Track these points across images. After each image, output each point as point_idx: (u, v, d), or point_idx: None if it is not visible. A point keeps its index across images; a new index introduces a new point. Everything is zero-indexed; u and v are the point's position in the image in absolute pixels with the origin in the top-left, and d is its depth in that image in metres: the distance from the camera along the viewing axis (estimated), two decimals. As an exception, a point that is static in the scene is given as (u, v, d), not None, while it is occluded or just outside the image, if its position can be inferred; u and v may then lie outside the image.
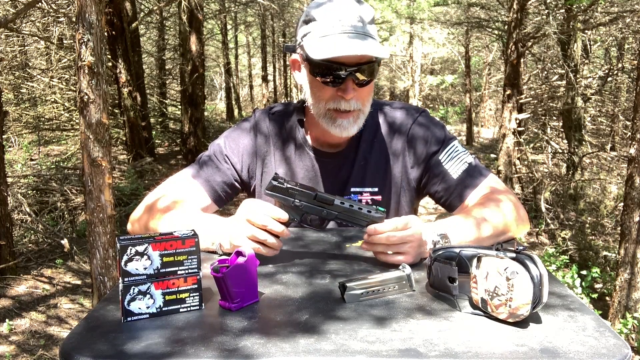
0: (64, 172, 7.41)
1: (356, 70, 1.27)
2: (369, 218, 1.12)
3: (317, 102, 1.34)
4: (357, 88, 1.30)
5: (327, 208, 1.15)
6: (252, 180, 1.49)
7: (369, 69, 1.29)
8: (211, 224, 1.22)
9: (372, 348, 0.78)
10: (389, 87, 23.54)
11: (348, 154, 1.45)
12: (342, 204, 1.14)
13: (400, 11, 12.76)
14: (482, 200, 1.33)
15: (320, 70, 1.29)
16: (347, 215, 1.14)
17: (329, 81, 1.29)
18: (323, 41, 1.26)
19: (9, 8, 7.38)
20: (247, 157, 1.47)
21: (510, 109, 7.81)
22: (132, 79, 8.42)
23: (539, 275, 0.84)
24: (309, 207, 1.15)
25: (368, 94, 1.34)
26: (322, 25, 1.28)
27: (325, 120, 1.35)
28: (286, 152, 1.47)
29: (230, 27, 18.00)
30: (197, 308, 0.93)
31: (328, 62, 1.26)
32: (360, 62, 1.27)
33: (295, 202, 1.14)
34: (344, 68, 1.26)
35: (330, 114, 1.33)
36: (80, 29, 2.77)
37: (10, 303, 4.55)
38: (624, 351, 0.78)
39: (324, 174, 1.45)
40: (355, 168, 1.44)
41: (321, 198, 1.14)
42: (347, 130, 1.34)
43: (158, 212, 1.31)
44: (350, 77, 1.27)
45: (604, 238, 7.23)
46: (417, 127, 1.44)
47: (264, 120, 1.49)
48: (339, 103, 1.31)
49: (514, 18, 7.41)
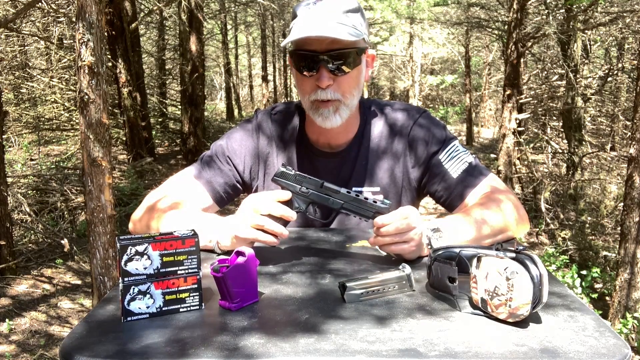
0: (64, 172, 7.41)
1: (328, 57, 1.28)
2: (375, 208, 1.13)
3: (302, 96, 1.37)
4: (335, 77, 1.31)
5: (333, 197, 1.15)
6: (254, 182, 1.49)
7: (343, 57, 1.29)
8: (210, 222, 1.23)
9: (372, 348, 0.78)
10: (389, 87, 23.55)
11: (349, 154, 1.46)
12: (348, 193, 1.14)
13: (400, 11, 12.76)
14: (482, 199, 1.34)
15: (297, 61, 1.33)
16: (353, 205, 1.14)
17: (305, 71, 1.32)
18: (292, 30, 1.30)
19: (9, 8, 7.37)
20: (249, 158, 1.47)
21: (510, 109, 7.81)
22: (132, 79, 8.42)
23: (539, 275, 0.84)
24: (316, 195, 1.16)
25: (348, 85, 1.34)
26: (298, 18, 1.32)
27: (312, 113, 1.37)
28: (288, 152, 1.48)
29: (230, 27, 18.00)
30: (197, 308, 0.93)
31: (300, 50, 1.30)
32: (332, 49, 1.28)
33: (302, 188, 1.15)
34: (314, 55, 1.29)
35: (314, 105, 1.35)
36: (80, 29, 2.77)
37: (10, 303, 4.55)
38: (624, 351, 0.78)
39: (326, 173, 1.45)
40: (357, 168, 1.45)
41: (327, 187, 1.15)
42: (329, 120, 1.34)
43: (159, 212, 1.32)
44: (322, 64, 1.29)
45: (604, 238, 7.23)
46: (418, 128, 1.45)
47: (266, 121, 1.50)
48: (317, 93, 1.32)
49: (514, 18, 7.41)
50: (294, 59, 1.34)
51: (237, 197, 1.53)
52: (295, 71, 1.36)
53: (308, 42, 1.28)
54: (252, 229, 1.11)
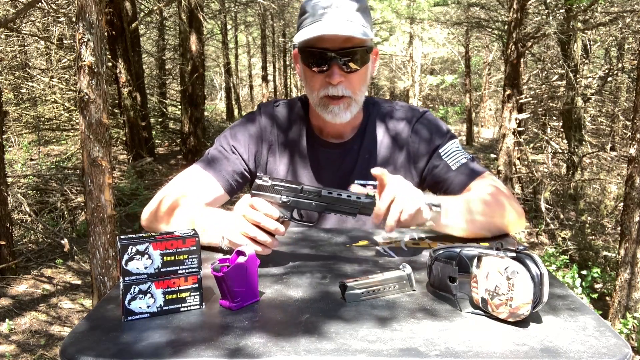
0: (64, 172, 7.41)
1: (340, 54, 1.30)
2: (359, 204, 1.11)
3: (311, 92, 1.38)
4: (346, 74, 1.33)
5: (315, 200, 1.13)
6: (259, 170, 1.51)
7: (354, 54, 1.32)
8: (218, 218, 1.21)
9: (372, 347, 0.78)
10: (389, 87, 23.55)
11: (352, 146, 1.48)
12: (329, 194, 1.12)
13: (400, 11, 12.78)
14: (480, 191, 1.35)
15: (307, 57, 1.34)
16: (336, 205, 1.12)
17: (315, 67, 1.33)
18: (307, 28, 1.31)
19: (9, 8, 7.37)
20: (252, 146, 1.49)
21: (510, 109, 7.81)
22: (132, 79, 8.42)
23: (539, 275, 0.84)
24: (297, 202, 1.13)
25: (358, 82, 1.36)
26: (309, 15, 1.33)
27: (320, 108, 1.38)
28: (290, 142, 1.50)
29: (230, 27, 18.00)
30: (197, 307, 0.93)
31: (312, 47, 1.31)
32: (345, 47, 1.30)
33: (282, 198, 1.12)
34: (327, 52, 1.30)
35: (323, 102, 1.37)
36: (81, 29, 2.77)
37: (10, 303, 4.55)
38: (624, 350, 0.78)
39: (327, 164, 1.47)
40: (360, 161, 1.47)
41: (307, 190, 1.12)
42: (339, 117, 1.37)
43: (170, 208, 1.32)
44: (334, 61, 1.31)
45: (604, 238, 7.24)
46: (421, 123, 1.48)
47: (269, 112, 1.52)
48: (328, 89, 1.34)
49: (514, 18, 7.41)
50: (304, 55, 1.35)
51: (246, 186, 1.54)
52: (304, 67, 1.37)
53: (321, 39, 1.29)
54: (242, 237, 1.10)
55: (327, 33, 1.27)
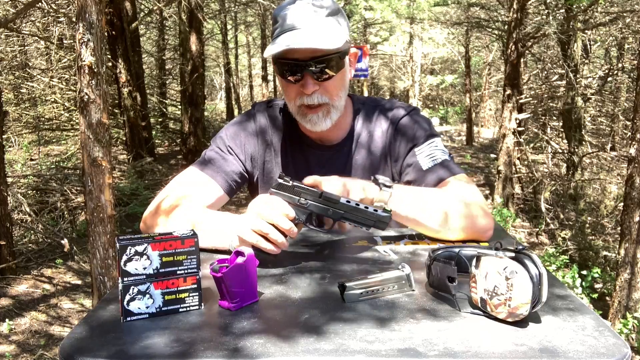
0: (64, 172, 7.42)
1: (310, 64, 1.28)
2: (375, 217, 1.11)
3: (289, 101, 1.38)
4: (320, 82, 1.32)
5: (332, 207, 1.13)
6: (255, 170, 1.51)
7: (328, 62, 1.30)
8: (228, 219, 1.21)
9: (371, 347, 0.78)
10: (389, 87, 23.56)
11: (342, 148, 1.47)
12: (348, 203, 1.12)
13: (400, 11, 12.78)
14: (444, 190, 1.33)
15: (281, 68, 1.33)
16: (353, 214, 1.12)
17: (290, 77, 1.32)
18: (276, 40, 1.29)
19: (9, 8, 7.37)
20: (249, 146, 1.49)
21: (510, 109, 7.81)
22: (132, 79, 8.43)
23: (538, 275, 0.84)
24: (315, 206, 1.13)
25: (335, 88, 1.34)
26: (279, 26, 1.31)
27: (299, 117, 1.38)
28: (283, 143, 1.49)
29: (230, 27, 17.99)
30: (196, 308, 0.93)
31: (284, 58, 1.30)
32: (316, 56, 1.28)
33: (301, 200, 1.12)
34: (298, 63, 1.29)
35: (302, 111, 1.36)
36: (81, 29, 2.77)
37: (10, 303, 4.55)
38: (623, 350, 0.78)
39: (318, 166, 1.46)
40: (350, 162, 1.47)
41: (327, 197, 1.13)
42: (319, 125, 1.36)
43: (169, 210, 1.31)
44: (306, 71, 1.29)
45: (604, 238, 7.23)
46: (403, 122, 1.46)
47: (263, 112, 1.52)
48: (303, 99, 1.33)
49: (514, 18, 7.41)
50: (277, 65, 1.34)
51: (245, 185, 1.54)
52: (279, 77, 1.36)
53: (291, 51, 1.27)
54: (254, 234, 1.10)
55: (294, 47, 1.24)
